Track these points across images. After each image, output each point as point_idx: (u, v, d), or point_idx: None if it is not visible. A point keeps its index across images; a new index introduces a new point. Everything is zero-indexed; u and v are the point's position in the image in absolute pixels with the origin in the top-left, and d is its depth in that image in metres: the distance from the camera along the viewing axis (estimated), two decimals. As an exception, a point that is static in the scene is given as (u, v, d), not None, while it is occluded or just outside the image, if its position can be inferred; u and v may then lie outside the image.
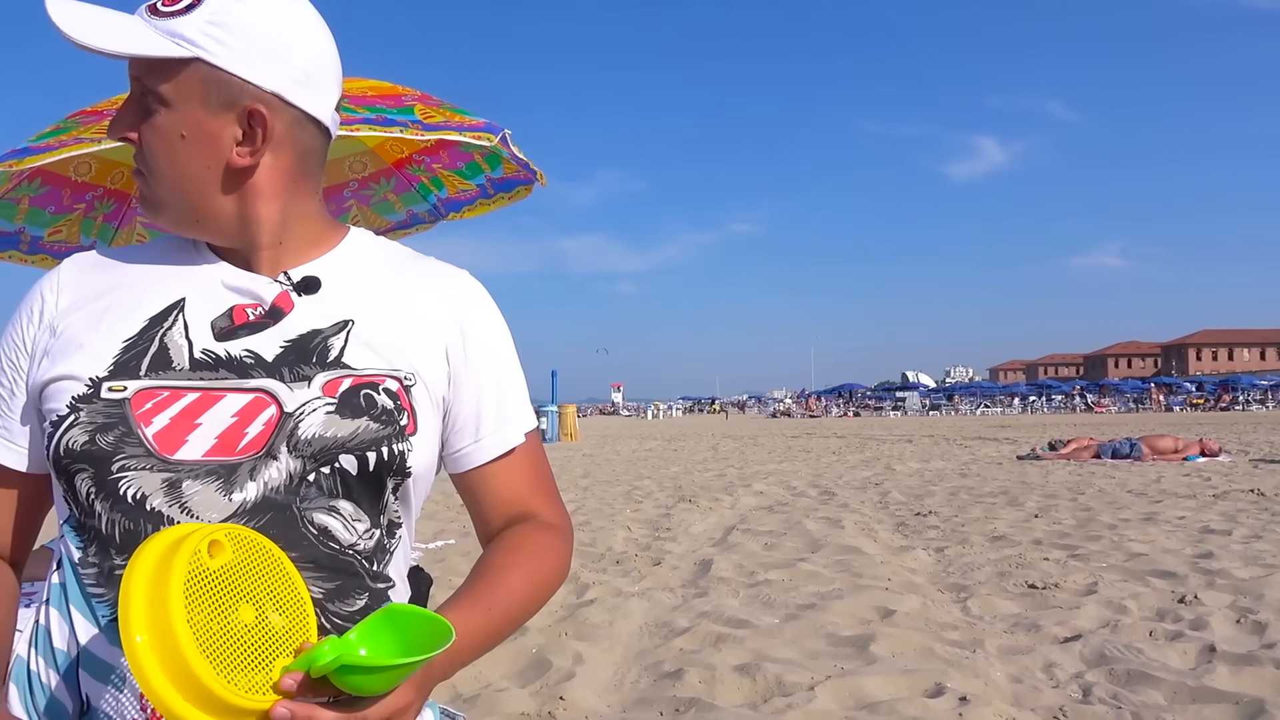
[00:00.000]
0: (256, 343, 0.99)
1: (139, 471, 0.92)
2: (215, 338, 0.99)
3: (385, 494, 1.00)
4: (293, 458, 0.94)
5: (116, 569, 0.91)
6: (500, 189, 3.25)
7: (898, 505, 8.72)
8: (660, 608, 4.67)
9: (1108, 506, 8.29)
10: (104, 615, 0.92)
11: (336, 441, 0.96)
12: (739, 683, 3.42)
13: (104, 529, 0.92)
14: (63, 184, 2.96)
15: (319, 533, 0.96)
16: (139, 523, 0.91)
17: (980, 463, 14.08)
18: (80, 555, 0.94)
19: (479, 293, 1.13)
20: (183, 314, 1.00)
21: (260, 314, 1.01)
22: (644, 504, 9.20)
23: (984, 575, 5.29)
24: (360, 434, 0.97)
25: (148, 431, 0.93)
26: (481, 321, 1.11)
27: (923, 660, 3.64)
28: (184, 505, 0.91)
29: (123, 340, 0.98)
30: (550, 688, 3.42)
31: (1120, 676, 3.39)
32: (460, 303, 1.10)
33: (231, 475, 0.93)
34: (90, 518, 0.93)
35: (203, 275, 1.04)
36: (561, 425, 25.59)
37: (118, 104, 2.77)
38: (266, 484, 0.93)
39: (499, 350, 1.13)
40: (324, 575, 0.96)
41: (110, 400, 0.94)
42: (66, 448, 0.92)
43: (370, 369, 1.00)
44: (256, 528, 0.91)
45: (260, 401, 0.96)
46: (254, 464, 0.94)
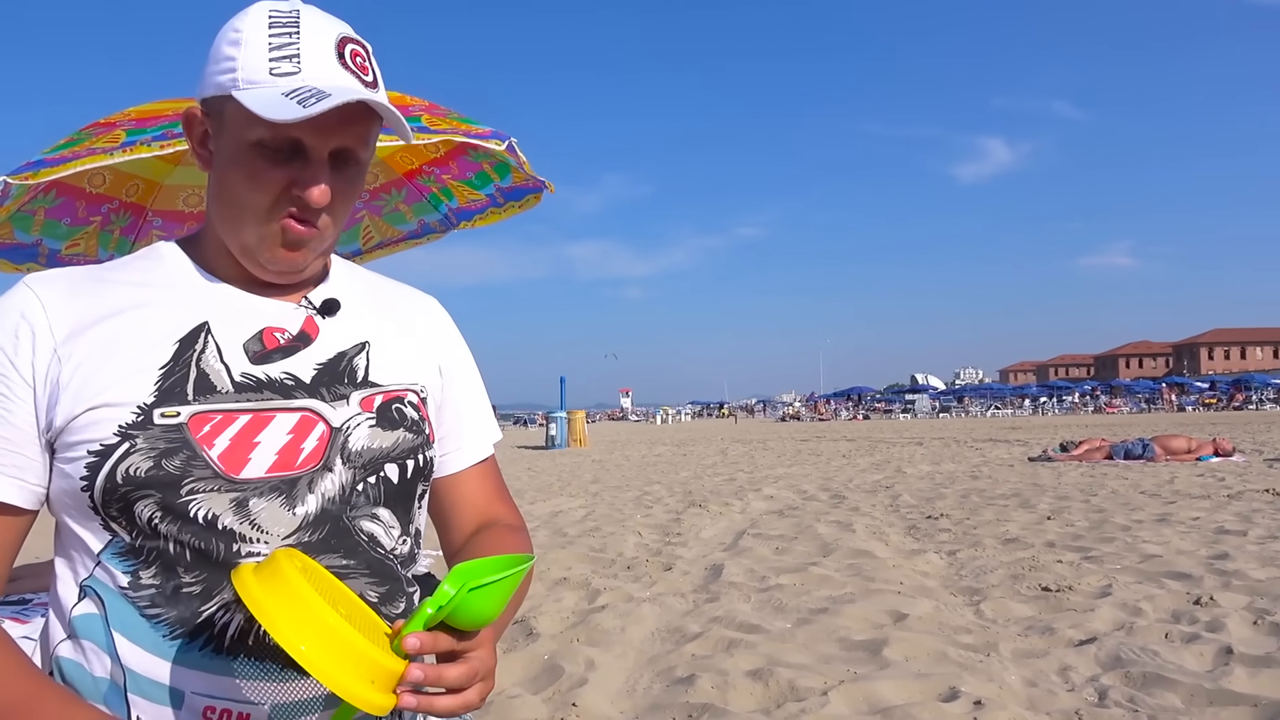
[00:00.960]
0: (292, 365, 1.03)
1: (208, 493, 0.94)
2: (251, 361, 1.01)
3: (414, 501, 1.09)
4: (345, 469, 1.01)
5: (183, 587, 0.93)
6: (510, 198, 3.26)
7: (909, 508, 8.70)
8: (672, 613, 4.67)
9: (1121, 508, 8.24)
10: (165, 634, 0.93)
11: (382, 452, 1.04)
12: (751, 688, 3.41)
13: (171, 550, 0.94)
14: (77, 195, 2.98)
15: (368, 539, 1.02)
16: (211, 541, 0.94)
17: (991, 465, 14.03)
18: (130, 580, 0.94)
19: (448, 316, 1.26)
20: (212, 338, 1.01)
21: (289, 338, 1.04)
22: (654, 509, 9.19)
23: (997, 578, 5.27)
24: (400, 444, 1.06)
25: (212, 454, 0.95)
26: (458, 341, 1.25)
27: (936, 664, 3.63)
28: (253, 522, 0.95)
29: (158, 366, 0.97)
30: (563, 694, 3.42)
31: (1136, 679, 3.38)
32: (441, 323, 1.23)
33: (292, 490, 0.98)
34: (152, 540, 0.94)
35: (218, 298, 1.04)
36: (570, 431, 25.59)
37: (130, 115, 2.76)
38: (323, 495, 0.99)
39: (472, 368, 1.26)
40: (376, 580, 1.02)
41: (167, 426, 0.95)
42: (127, 474, 0.93)
43: (394, 384, 1.09)
44: (318, 539, 0.98)
45: (309, 419, 1.01)
46: (311, 477, 0.99)
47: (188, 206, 3.27)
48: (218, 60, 1.00)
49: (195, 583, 0.94)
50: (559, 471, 15.46)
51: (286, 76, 0.96)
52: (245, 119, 0.96)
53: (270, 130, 0.95)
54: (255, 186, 0.98)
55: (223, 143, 1.00)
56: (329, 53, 0.99)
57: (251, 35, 0.98)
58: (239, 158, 0.98)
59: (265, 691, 0.95)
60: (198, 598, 0.94)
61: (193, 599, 0.94)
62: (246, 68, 0.97)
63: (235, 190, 0.99)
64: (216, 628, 0.94)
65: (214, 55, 1.01)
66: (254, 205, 0.99)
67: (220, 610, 0.94)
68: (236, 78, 0.97)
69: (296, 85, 0.95)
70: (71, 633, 0.97)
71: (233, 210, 1.00)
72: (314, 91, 0.95)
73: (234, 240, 1.03)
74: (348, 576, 1.00)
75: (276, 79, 0.96)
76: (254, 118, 0.95)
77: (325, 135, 0.97)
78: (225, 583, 0.94)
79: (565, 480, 13.50)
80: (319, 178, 0.98)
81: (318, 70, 0.97)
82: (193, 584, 0.94)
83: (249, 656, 0.95)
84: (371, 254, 3.57)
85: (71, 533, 0.98)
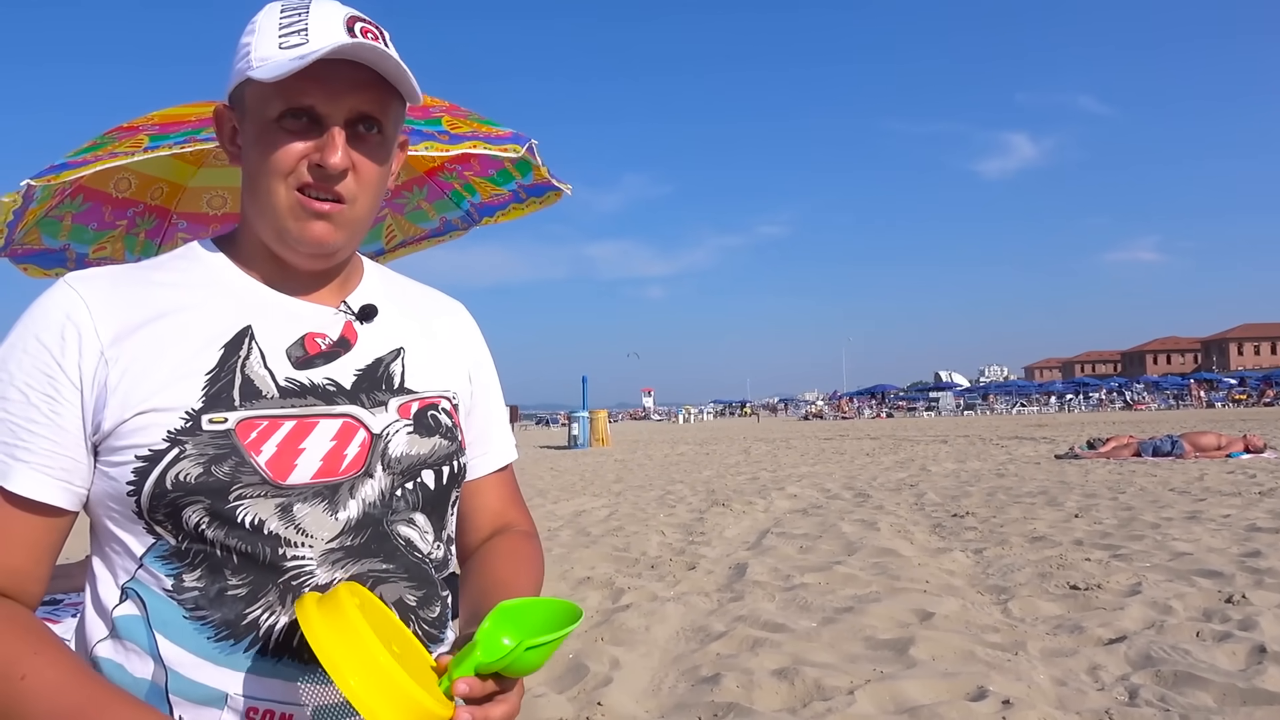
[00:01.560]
0: (334, 371, 1.04)
1: (255, 499, 0.95)
2: (294, 366, 1.02)
3: (448, 506, 1.11)
4: (385, 475, 1.02)
5: (229, 590, 0.94)
6: (531, 193, 3.27)
7: (934, 506, 8.63)
8: (696, 612, 4.66)
9: (1150, 505, 8.14)
10: (209, 636, 0.94)
11: (420, 458, 1.06)
12: (777, 687, 3.40)
13: (217, 554, 0.94)
14: (103, 200, 3.01)
15: (405, 544, 1.03)
16: (257, 546, 0.95)
17: (1017, 462, 13.90)
18: (174, 582, 0.95)
19: (474, 322, 1.27)
20: (255, 342, 1.01)
21: (330, 343, 1.06)
22: (677, 508, 9.18)
23: (1024, 576, 5.21)
24: (436, 450, 1.07)
25: (260, 460, 0.96)
26: (484, 349, 1.26)
27: (964, 663, 3.59)
28: (297, 526, 0.96)
29: (204, 371, 0.97)
30: (588, 693, 3.42)
31: (1167, 678, 3.33)
32: (468, 330, 1.24)
33: (335, 495, 0.99)
34: (197, 544, 0.94)
35: (259, 301, 1.05)
36: (593, 431, 25.63)
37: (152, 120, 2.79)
38: (364, 501, 1.00)
39: (495, 376, 1.27)
40: (414, 585, 1.04)
41: (215, 432, 0.95)
42: (177, 480, 0.93)
43: (428, 391, 1.10)
44: (359, 544, 0.99)
45: (350, 425, 1.02)
46: (353, 483, 1.00)
47: (211, 208, 3.29)
48: (236, 53, 1.02)
49: (241, 585, 0.95)
50: (582, 471, 15.49)
51: (294, 47, 0.97)
52: (261, 97, 0.98)
53: (285, 100, 0.96)
54: (275, 158, 0.98)
55: (246, 130, 1.02)
56: (337, 25, 0.99)
57: (264, 22, 1.01)
58: (261, 137, 0.99)
59: (309, 694, 0.95)
60: (243, 600, 0.94)
61: (238, 601, 0.94)
62: (259, 48, 0.99)
63: (258, 169, 1.00)
64: (261, 629, 0.94)
65: (236, 50, 1.03)
66: (275, 177, 0.99)
67: (265, 612, 0.95)
68: (250, 59, 0.99)
69: (302, 53, 0.96)
70: (112, 632, 0.97)
71: (260, 193, 1.01)
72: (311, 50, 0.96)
73: (266, 226, 1.03)
74: (387, 580, 1.01)
75: (284, 51, 0.97)
76: (268, 93, 0.97)
77: (336, 99, 0.98)
78: (270, 585, 0.95)
79: (588, 480, 13.52)
80: (333, 144, 0.98)
81: (324, 38, 0.98)
82: (239, 586, 0.95)
83: (293, 658, 0.95)
84: (395, 253, 3.58)
85: (112, 535, 0.98)
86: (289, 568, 0.96)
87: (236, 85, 1.02)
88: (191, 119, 2.63)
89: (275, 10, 1.02)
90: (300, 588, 0.96)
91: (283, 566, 0.95)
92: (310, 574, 0.96)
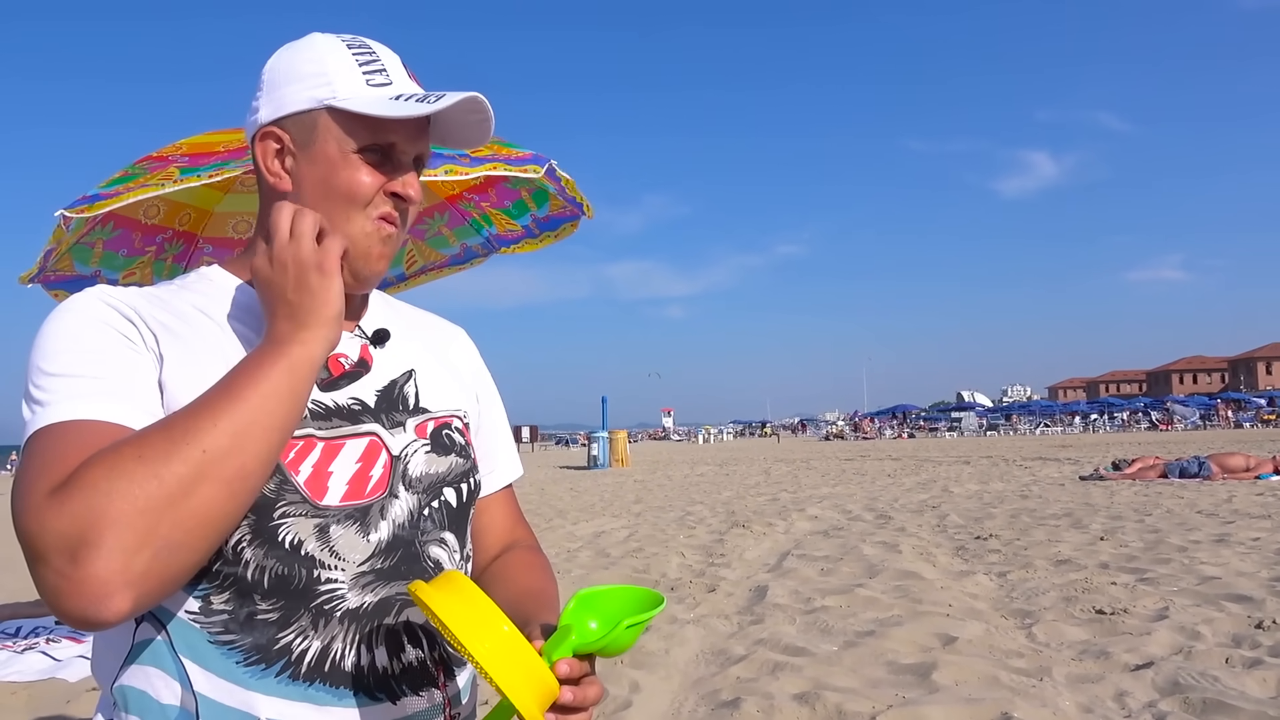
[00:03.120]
0: (356, 391, 1.06)
1: (296, 518, 0.95)
2: (320, 388, 1.03)
3: (468, 523, 1.12)
4: (410, 495, 1.03)
5: (258, 614, 0.94)
6: (545, 228, 3.29)
7: (956, 528, 8.56)
8: (716, 635, 4.64)
9: (1177, 528, 8.03)
10: (238, 660, 0.93)
11: (438, 477, 1.07)
12: (798, 712, 3.37)
13: (250, 575, 0.94)
14: (133, 227, 3.06)
15: (434, 565, 1.04)
16: (293, 567, 0.94)
17: (1041, 484, 13.76)
18: (201, 605, 0.94)
19: (474, 345, 1.30)
20: None
21: (351, 364, 1.07)
22: (697, 529, 9.15)
23: (1049, 600, 5.16)
24: (454, 468, 1.09)
25: (299, 479, 0.96)
26: (485, 370, 1.28)
27: (988, 689, 3.55)
28: (332, 548, 0.96)
29: None
30: (608, 716, 3.41)
31: (1196, 705, 3.28)
32: (470, 353, 1.27)
33: (365, 517, 0.99)
34: (231, 564, 0.94)
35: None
36: (612, 451, 25.59)
37: (181, 149, 2.83)
38: (394, 521, 1.01)
39: (497, 395, 1.30)
40: None
41: None
42: None
43: (442, 410, 1.12)
44: (390, 565, 1.00)
45: (374, 446, 1.03)
46: (381, 504, 1.01)
47: (236, 233, 3.34)
48: (299, 79, 1.03)
49: (272, 610, 0.94)
50: (601, 492, 15.47)
51: (383, 86, 1.03)
52: (345, 127, 1.01)
53: (372, 136, 1.01)
54: (358, 188, 1.02)
55: (310, 155, 1.02)
56: (402, 69, 1.07)
57: (334, 55, 1.04)
58: (336, 165, 1.02)
59: (343, 718, 0.95)
60: (274, 625, 0.94)
61: (268, 626, 0.94)
62: (341, 81, 1.02)
63: (332, 197, 1.02)
64: (294, 654, 0.94)
65: (290, 76, 1.03)
66: (355, 206, 1.02)
67: (298, 637, 0.94)
68: (334, 90, 1.01)
69: (397, 92, 1.03)
70: (131, 658, 0.96)
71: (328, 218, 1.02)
72: (422, 95, 1.02)
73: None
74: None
75: (374, 88, 1.02)
76: (354, 126, 1.01)
77: (413, 141, 1.04)
78: (303, 609, 0.95)
79: (608, 500, 13.50)
80: (414, 178, 1.05)
81: (404, 82, 1.05)
82: (269, 611, 0.94)
83: (325, 683, 0.95)
84: (415, 279, 3.62)
85: None
86: (322, 591, 0.96)
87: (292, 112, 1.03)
88: (219, 148, 2.67)
89: (339, 44, 1.05)
90: (332, 612, 0.96)
91: (316, 590, 0.95)
92: (342, 598, 0.96)
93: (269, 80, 1.05)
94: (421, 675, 1.00)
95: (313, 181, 1.02)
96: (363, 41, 1.06)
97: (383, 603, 0.98)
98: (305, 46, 1.05)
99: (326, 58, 1.03)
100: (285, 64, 1.04)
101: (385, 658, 0.98)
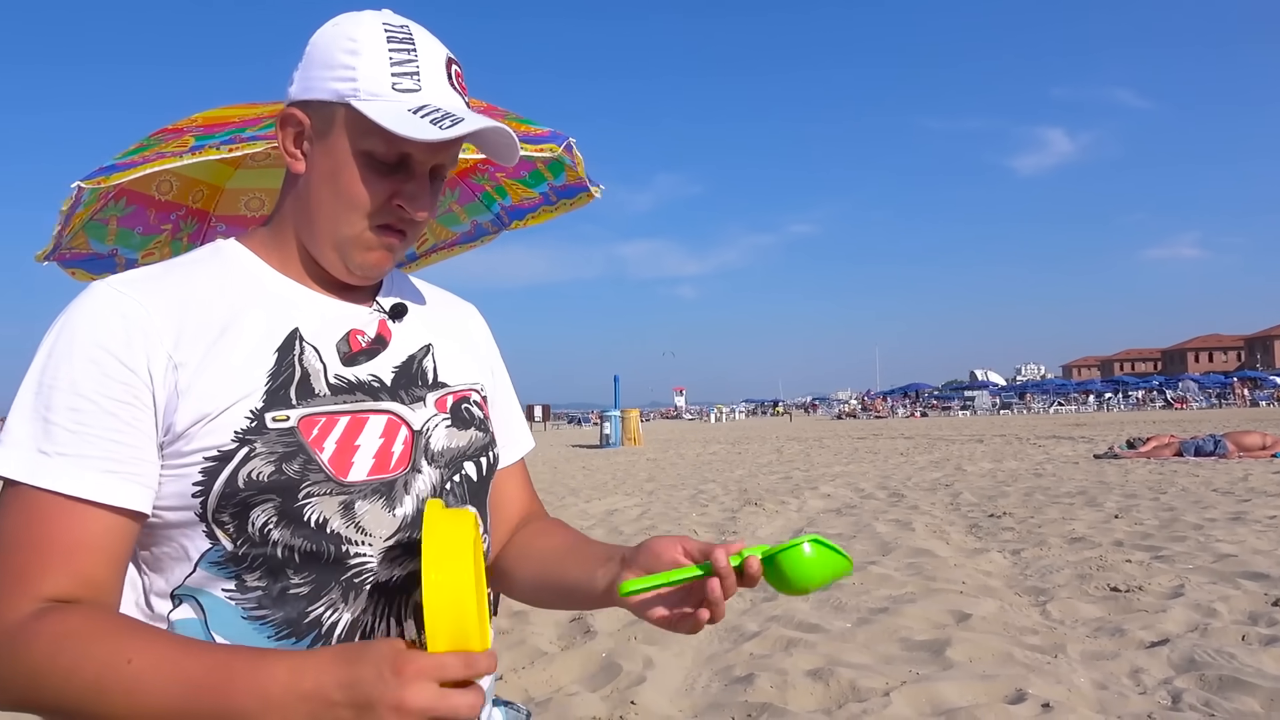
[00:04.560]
0: (375, 368, 1.06)
1: (321, 497, 0.95)
2: (342, 363, 1.03)
3: (487, 497, 1.13)
4: (433, 469, 1.04)
5: (291, 589, 0.95)
6: (563, 195, 3.27)
7: (970, 506, 8.54)
8: (729, 612, 4.64)
9: (1192, 506, 8.00)
10: (270, 635, 0.94)
11: (459, 451, 1.08)
12: (812, 688, 3.38)
13: (279, 554, 0.94)
14: (147, 203, 3.06)
15: None
16: (321, 544, 0.95)
17: (1055, 462, 13.71)
18: (235, 584, 0.94)
19: (484, 321, 1.30)
20: (306, 342, 1.02)
21: (369, 340, 1.07)
22: (709, 508, 9.17)
23: (1063, 578, 5.14)
24: (474, 442, 1.10)
25: (323, 457, 0.96)
26: (494, 346, 1.29)
27: (1002, 665, 3.55)
28: (358, 524, 0.97)
29: (262, 370, 0.97)
30: (621, 692, 3.42)
31: (1212, 682, 3.27)
32: (481, 328, 1.27)
33: (390, 492, 1.00)
34: (259, 546, 0.94)
35: (301, 301, 1.05)
36: (625, 430, 25.61)
37: (196, 122, 2.82)
38: (418, 496, 1.02)
39: (506, 376, 1.30)
40: None
41: (281, 430, 0.95)
42: (249, 479, 0.92)
43: (460, 384, 1.13)
44: (414, 540, 1.00)
45: (394, 422, 1.03)
46: (405, 479, 1.01)
47: (249, 210, 3.34)
48: (330, 66, 1.00)
49: (304, 584, 0.95)
50: (614, 470, 15.51)
51: (408, 93, 0.99)
52: (360, 128, 0.98)
53: (385, 144, 0.98)
54: (360, 194, 1.00)
55: (326, 148, 1.01)
56: (442, 72, 1.02)
57: (369, 45, 0.99)
58: (345, 164, 1.00)
59: None
60: (305, 598, 0.95)
61: (300, 599, 0.95)
62: (367, 79, 0.98)
63: (336, 195, 1.01)
64: (324, 626, 0.95)
65: (323, 60, 1.01)
66: (356, 211, 1.00)
67: (328, 609, 0.95)
68: (357, 87, 0.98)
69: (420, 103, 0.98)
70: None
71: (328, 214, 1.01)
72: (444, 113, 0.98)
73: (323, 243, 1.03)
74: None
75: (399, 94, 0.98)
76: (371, 128, 0.97)
77: (432, 153, 1.01)
78: (333, 583, 0.96)
79: (620, 479, 13.53)
80: (423, 193, 1.02)
81: (435, 89, 1.00)
82: (301, 585, 0.95)
83: None
84: (427, 258, 3.61)
85: (165, 539, 0.96)
86: (351, 565, 0.96)
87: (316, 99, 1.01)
88: (234, 119, 2.66)
89: (379, 32, 1.00)
90: (362, 585, 0.97)
91: (346, 564, 0.96)
92: (372, 571, 0.97)
93: (308, 55, 1.03)
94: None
95: (322, 173, 1.02)
96: (408, 33, 1.01)
97: (411, 576, 0.99)
98: (348, 27, 1.01)
99: (361, 48, 0.99)
100: (325, 42, 1.01)
101: (414, 630, 0.99)
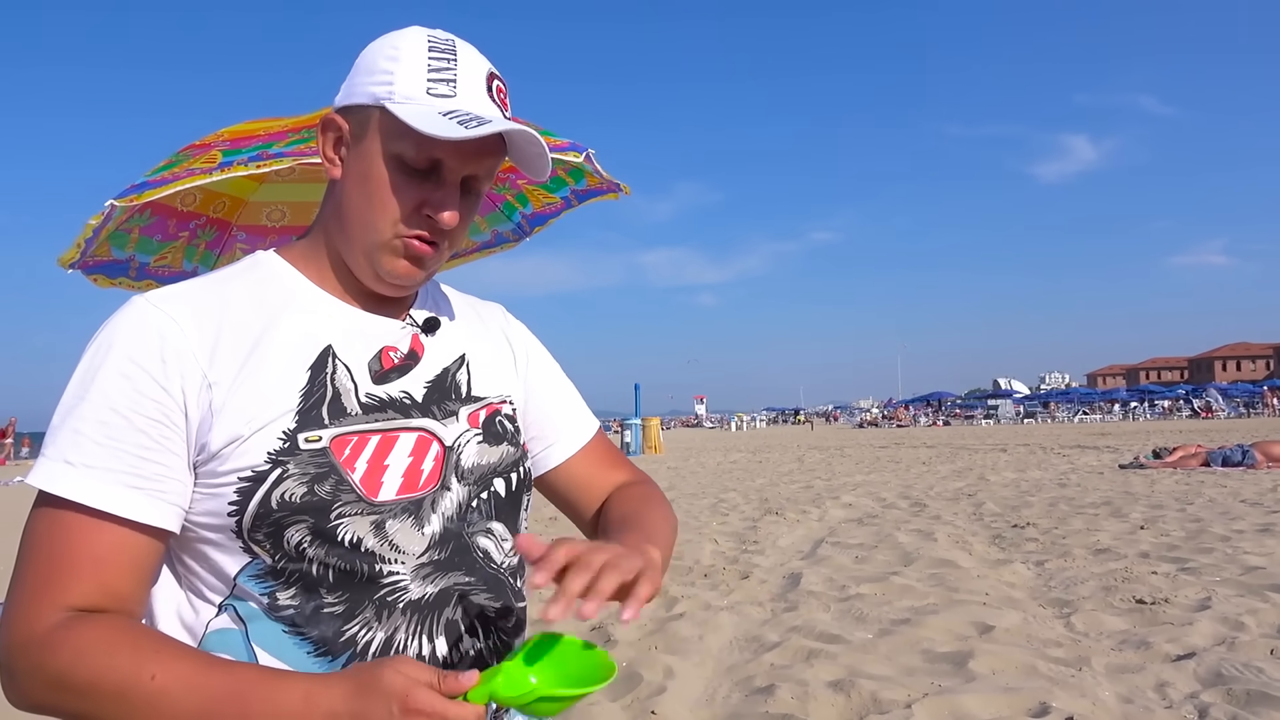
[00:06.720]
0: (407, 384, 1.06)
1: (353, 516, 0.96)
2: (373, 381, 1.03)
3: (520, 512, 1.12)
4: (461, 487, 1.04)
5: (325, 607, 0.95)
6: (584, 199, 3.29)
7: (993, 517, 8.46)
8: (750, 622, 4.63)
9: (1219, 517, 7.88)
10: (308, 652, 0.95)
11: (490, 467, 1.07)
12: (833, 699, 3.35)
13: (314, 571, 0.95)
14: (169, 214, 3.10)
15: (483, 556, 1.04)
16: (354, 563, 0.96)
17: (1080, 472, 13.56)
18: (269, 600, 0.95)
19: (513, 317, 1.29)
20: (339, 359, 1.03)
21: (402, 357, 1.07)
22: (730, 516, 9.14)
23: (1088, 590, 5.08)
24: (505, 458, 1.09)
25: (354, 478, 0.97)
26: (531, 339, 1.28)
27: (1025, 678, 3.51)
28: (390, 543, 0.98)
29: (295, 389, 0.98)
30: (641, 701, 3.41)
31: (1239, 697, 3.22)
32: (512, 326, 1.26)
33: (419, 510, 1.00)
34: (296, 563, 0.95)
35: (336, 317, 1.06)
36: (645, 438, 25.62)
37: (223, 137, 2.86)
38: (444, 514, 1.02)
39: (550, 361, 1.29)
40: (493, 595, 1.04)
41: (313, 451, 0.96)
42: (283, 500, 0.93)
43: (493, 396, 1.13)
44: (445, 557, 1.00)
45: (425, 439, 1.03)
46: (433, 497, 1.02)
47: (270, 221, 3.38)
48: (371, 72, 1.02)
49: (338, 603, 0.96)
50: (634, 479, 15.47)
51: (442, 98, 0.99)
52: (392, 131, 0.99)
53: (415, 147, 0.98)
54: (389, 199, 1.00)
55: (360, 151, 1.02)
56: (480, 83, 1.02)
57: (410, 54, 1.01)
58: (375, 168, 1.00)
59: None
60: (340, 617, 0.95)
61: (335, 619, 0.95)
62: (403, 83, 0.99)
63: (366, 199, 1.01)
64: (359, 645, 0.95)
65: (367, 67, 1.03)
66: (385, 216, 1.01)
67: (362, 629, 0.96)
68: (392, 91, 0.99)
69: (452, 107, 0.99)
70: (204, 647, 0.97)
71: (359, 218, 1.02)
72: (473, 116, 0.98)
73: (355, 249, 1.04)
74: (471, 593, 1.02)
75: (432, 99, 0.99)
76: (402, 131, 0.98)
77: (464, 161, 1.00)
78: (367, 601, 0.96)
79: (640, 487, 13.49)
80: (451, 201, 1.01)
81: (471, 98, 1.01)
82: (335, 604, 0.96)
83: None
84: (444, 266, 3.63)
85: (201, 554, 0.97)
86: (385, 584, 0.97)
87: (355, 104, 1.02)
88: (260, 134, 2.70)
89: (422, 43, 1.02)
90: (395, 604, 0.97)
91: (380, 583, 0.97)
92: (405, 589, 0.98)
93: (356, 65, 1.05)
94: (477, 664, 1.01)
95: (354, 177, 1.02)
96: (450, 46, 1.02)
97: (442, 593, 1.00)
98: (394, 39, 1.03)
99: (402, 56, 1.00)
100: (371, 53, 1.04)
101: (445, 647, 0.99)
